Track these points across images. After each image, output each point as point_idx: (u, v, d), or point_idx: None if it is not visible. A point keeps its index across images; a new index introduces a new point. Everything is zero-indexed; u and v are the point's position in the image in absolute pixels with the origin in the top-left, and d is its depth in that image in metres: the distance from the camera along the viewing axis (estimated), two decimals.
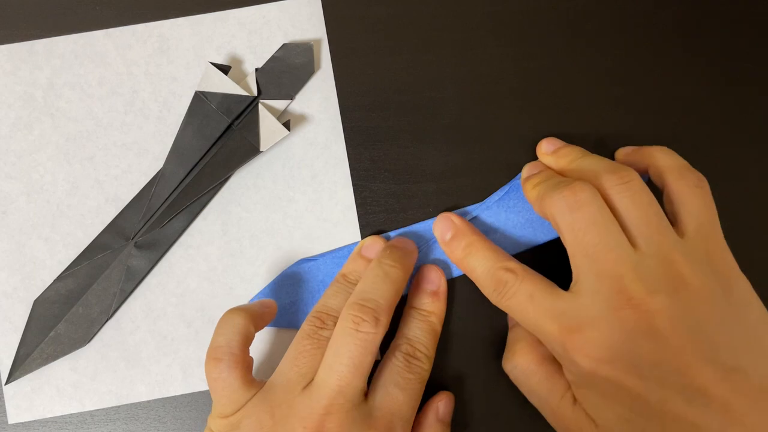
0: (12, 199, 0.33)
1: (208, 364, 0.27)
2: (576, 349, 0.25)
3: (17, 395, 0.32)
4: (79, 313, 0.32)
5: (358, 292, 0.29)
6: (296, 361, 0.28)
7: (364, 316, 0.27)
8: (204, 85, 0.32)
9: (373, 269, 0.29)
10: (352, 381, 0.27)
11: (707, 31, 0.34)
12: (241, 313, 0.28)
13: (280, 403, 0.27)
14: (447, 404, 0.30)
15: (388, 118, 0.33)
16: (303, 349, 0.28)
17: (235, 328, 0.28)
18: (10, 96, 0.33)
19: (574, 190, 0.26)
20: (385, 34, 0.34)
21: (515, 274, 0.27)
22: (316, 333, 0.28)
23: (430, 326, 0.30)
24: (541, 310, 0.26)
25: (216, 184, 0.32)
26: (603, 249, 0.25)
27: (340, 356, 0.27)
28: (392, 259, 0.29)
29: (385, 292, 0.28)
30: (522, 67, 0.34)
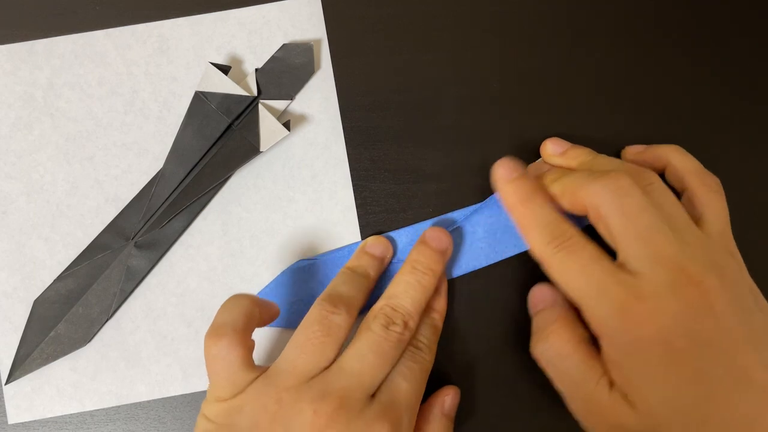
0: (12, 199, 0.33)
1: (208, 341, 0.26)
2: (640, 317, 0.25)
3: (17, 395, 0.32)
4: (79, 313, 0.32)
5: (390, 296, 0.29)
6: (304, 348, 0.27)
7: (395, 319, 0.28)
8: (204, 85, 0.32)
9: (406, 275, 0.29)
10: (374, 374, 0.26)
11: (709, 31, 0.34)
12: (246, 296, 0.28)
13: (288, 388, 0.26)
14: (453, 399, 0.30)
15: (388, 118, 0.33)
16: (312, 335, 0.27)
17: (239, 308, 0.27)
18: (10, 96, 0.33)
19: (615, 178, 0.27)
20: (385, 34, 0.34)
21: (576, 232, 0.27)
22: (326, 318, 0.27)
23: (432, 321, 0.30)
24: (608, 271, 0.26)
25: (216, 184, 0.32)
26: (656, 231, 0.26)
27: (368, 347, 0.27)
28: (425, 266, 0.29)
29: (415, 299, 0.29)
30: (522, 67, 0.34)
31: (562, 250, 0.27)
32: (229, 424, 0.26)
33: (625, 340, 0.25)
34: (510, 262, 0.32)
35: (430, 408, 0.29)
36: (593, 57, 0.34)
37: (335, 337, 0.27)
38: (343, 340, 0.27)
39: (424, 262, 0.30)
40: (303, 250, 0.33)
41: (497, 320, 0.32)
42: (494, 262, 0.32)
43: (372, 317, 0.28)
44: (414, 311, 0.28)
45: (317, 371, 0.27)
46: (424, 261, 0.30)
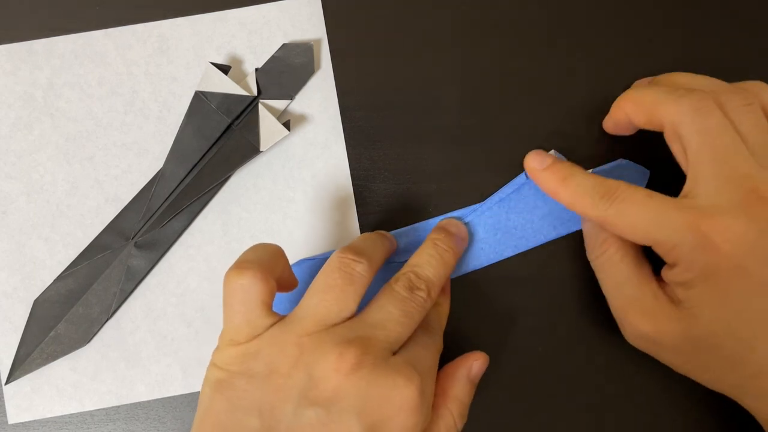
0: (12, 199, 0.33)
1: (229, 274, 0.25)
2: (716, 232, 0.24)
3: (17, 395, 0.32)
4: (79, 313, 0.32)
5: (413, 264, 0.28)
6: (326, 295, 0.26)
7: (419, 284, 0.27)
8: (204, 85, 0.32)
9: (428, 248, 0.29)
10: (398, 331, 0.26)
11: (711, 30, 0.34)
12: (272, 243, 0.27)
13: (310, 333, 0.25)
14: (481, 365, 0.29)
15: (388, 118, 0.33)
16: (334, 282, 0.26)
17: (266, 248, 0.26)
18: (10, 96, 0.33)
19: (700, 97, 0.26)
20: (385, 34, 0.34)
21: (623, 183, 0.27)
22: (348, 266, 0.26)
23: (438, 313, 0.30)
24: (666, 203, 0.25)
25: (216, 184, 0.32)
26: (734, 152, 0.25)
27: (393, 304, 0.26)
28: (447, 244, 0.29)
29: (437, 271, 0.28)
30: (522, 66, 0.34)
31: (615, 202, 0.26)
32: (244, 370, 0.25)
33: (700, 260, 0.25)
34: (510, 262, 0.32)
35: (457, 368, 0.28)
36: (594, 57, 0.34)
37: (357, 287, 0.26)
38: (363, 291, 0.26)
39: (445, 240, 0.29)
40: (303, 250, 0.33)
41: (497, 320, 0.32)
42: (494, 261, 0.32)
43: (394, 281, 0.27)
44: (436, 282, 0.28)
45: (339, 320, 0.25)
46: (445, 239, 0.30)
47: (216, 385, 0.25)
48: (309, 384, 0.24)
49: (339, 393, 0.24)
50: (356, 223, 0.33)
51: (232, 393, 0.24)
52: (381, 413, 0.24)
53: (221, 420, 0.24)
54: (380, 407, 0.24)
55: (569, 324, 0.32)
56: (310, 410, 0.24)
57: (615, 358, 0.32)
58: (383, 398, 0.24)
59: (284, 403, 0.24)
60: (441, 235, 0.30)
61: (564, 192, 0.28)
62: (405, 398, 0.24)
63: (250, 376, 0.24)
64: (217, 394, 0.24)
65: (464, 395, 0.28)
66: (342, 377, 0.24)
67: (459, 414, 0.27)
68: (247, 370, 0.24)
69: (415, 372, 0.25)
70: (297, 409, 0.24)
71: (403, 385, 0.24)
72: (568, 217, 0.32)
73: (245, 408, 0.24)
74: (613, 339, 0.32)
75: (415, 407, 0.24)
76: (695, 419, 0.32)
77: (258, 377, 0.24)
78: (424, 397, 0.25)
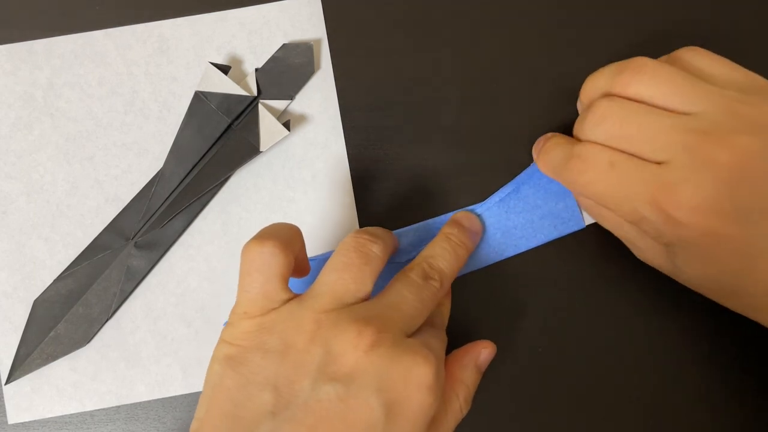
0: (12, 199, 0.33)
1: (249, 244, 0.25)
2: (673, 204, 0.24)
3: (17, 395, 0.32)
4: (79, 313, 0.32)
5: (427, 255, 0.28)
6: (344, 273, 0.25)
7: (432, 274, 0.27)
8: (204, 85, 0.32)
9: (442, 241, 0.29)
10: (414, 314, 0.26)
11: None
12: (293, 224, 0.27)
13: (327, 310, 0.24)
14: (489, 353, 0.29)
15: (388, 118, 0.33)
16: (350, 261, 0.26)
17: (285, 226, 0.26)
18: (10, 96, 0.33)
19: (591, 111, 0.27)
20: (385, 34, 0.34)
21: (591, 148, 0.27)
22: (364, 246, 0.26)
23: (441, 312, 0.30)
24: (627, 174, 0.25)
25: (216, 184, 0.32)
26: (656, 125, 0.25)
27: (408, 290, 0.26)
28: (459, 239, 0.29)
29: (450, 264, 0.28)
30: (522, 66, 0.34)
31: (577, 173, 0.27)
32: (258, 344, 0.24)
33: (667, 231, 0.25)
34: (510, 262, 0.32)
35: (465, 354, 0.28)
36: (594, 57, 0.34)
37: (372, 267, 0.26)
38: (378, 272, 0.26)
39: (458, 235, 0.30)
40: None
41: (497, 320, 0.32)
42: (494, 262, 0.32)
43: (409, 269, 0.27)
44: (449, 274, 0.28)
45: (355, 300, 0.25)
46: (458, 234, 0.30)
47: (227, 360, 0.24)
48: (327, 359, 0.23)
49: (358, 369, 0.23)
50: (356, 223, 0.33)
51: (245, 368, 0.24)
52: (399, 391, 0.23)
53: (233, 396, 0.24)
54: (399, 385, 0.24)
55: (569, 324, 0.32)
56: (329, 386, 0.23)
57: (615, 357, 0.32)
58: (402, 376, 0.24)
59: (302, 378, 0.23)
60: (455, 229, 0.30)
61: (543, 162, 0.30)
62: (423, 377, 0.24)
63: (265, 350, 0.24)
64: (229, 370, 0.24)
65: (471, 382, 0.28)
66: (361, 354, 0.23)
67: (465, 399, 0.27)
68: (262, 345, 0.24)
69: (432, 353, 0.25)
70: (315, 384, 0.23)
71: (421, 364, 0.24)
72: (568, 216, 0.32)
73: (259, 383, 0.23)
74: (614, 339, 0.32)
75: (432, 386, 0.24)
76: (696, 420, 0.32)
77: (273, 352, 0.24)
78: (439, 378, 0.25)
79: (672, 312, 0.32)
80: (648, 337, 0.32)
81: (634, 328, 0.32)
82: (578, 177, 0.27)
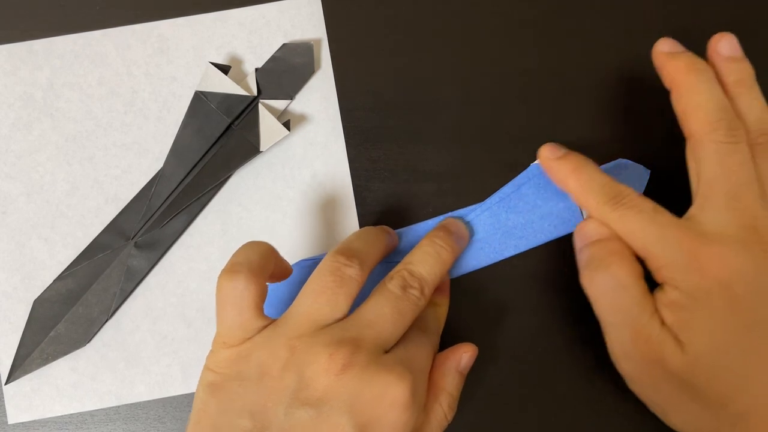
0: (12, 199, 0.33)
1: (221, 278, 0.26)
2: (709, 259, 0.25)
3: (17, 395, 0.32)
4: (79, 313, 0.32)
5: (408, 262, 0.28)
6: (318, 297, 0.26)
7: (412, 282, 0.27)
8: (204, 85, 0.32)
9: (425, 246, 0.29)
10: (390, 330, 0.26)
11: None
12: (263, 242, 0.27)
13: (301, 334, 0.25)
14: (470, 357, 0.29)
15: (388, 118, 0.33)
16: (326, 284, 0.26)
17: (256, 249, 0.26)
18: (9, 96, 0.33)
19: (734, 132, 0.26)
20: (385, 34, 0.34)
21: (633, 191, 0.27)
22: (339, 270, 0.26)
23: (436, 314, 0.30)
24: (672, 221, 0.26)
25: (216, 184, 0.32)
26: (747, 190, 0.26)
27: (385, 304, 0.26)
28: (444, 242, 0.29)
29: (432, 268, 0.28)
30: (522, 66, 0.34)
31: (621, 207, 0.27)
32: (236, 373, 0.25)
33: (689, 282, 0.25)
34: (510, 262, 0.32)
35: (446, 360, 0.28)
36: (594, 58, 0.34)
37: (348, 289, 0.26)
38: (356, 292, 0.27)
39: (443, 237, 0.30)
40: (303, 250, 0.33)
41: (497, 320, 0.32)
42: (494, 262, 0.32)
43: (389, 278, 0.27)
44: (430, 280, 0.28)
45: (330, 321, 0.26)
46: (444, 236, 0.30)
47: (209, 387, 0.25)
48: (300, 385, 0.24)
49: (329, 393, 0.24)
50: (356, 223, 0.33)
51: (224, 395, 0.25)
52: (372, 412, 0.24)
53: (215, 422, 0.25)
54: (371, 406, 0.24)
55: (569, 324, 0.32)
56: (301, 410, 0.24)
57: None
58: (374, 397, 0.24)
59: (276, 404, 0.24)
60: (440, 233, 0.30)
61: (574, 183, 0.28)
62: (396, 396, 0.24)
63: (242, 379, 0.25)
64: (211, 397, 0.25)
65: (453, 387, 0.28)
66: (333, 377, 0.24)
67: (449, 406, 0.27)
68: (239, 374, 0.25)
69: (407, 370, 0.25)
70: (288, 410, 0.24)
71: (394, 384, 0.24)
72: (568, 216, 0.32)
73: (237, 410, 0.24)
74: None
75: (406, 405, 0.24)
76: None
77: (250, 380, 0.25)
78: (416, 395, 0.25)
79: None
80: None
81: None
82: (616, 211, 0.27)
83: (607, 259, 0.27)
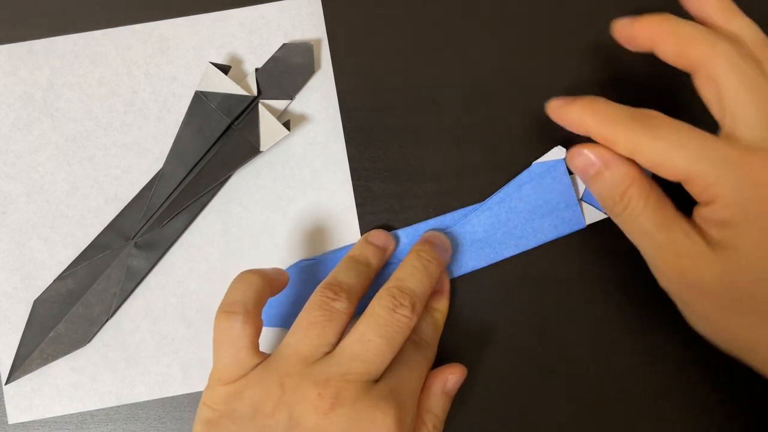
0: (12, 199, 0.33)
1: (219, 318, 0.26)
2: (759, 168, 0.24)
3: (17, 395, 0.32)
4: (79, 313, 0.32)
5: (396, 279, 0.29)
6: (307, 332, 0.27)
7: (402, 300, 0.27)
8: (204, 85, 0.32)
9: (412, 260, 0.29)
10: (378, 360, 0.26)
11: None
12: (256, 273, 0.28)
13: (291, 372, 0.26)
14: (458, 379, 0.29)
15: (388, 118, 0.33)
16: (315, 320, 0.27)
17: (251, 286, 0.27)
18: (9, 96, 0.33)
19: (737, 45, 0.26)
20: (385, 34, 0.34)
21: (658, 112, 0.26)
22: (327, 304, 0.27)
23: (434, 320, 0.30)
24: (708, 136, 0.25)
25: (216, 184, 0.32)
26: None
27: (373, 331, 0.26)
28: (431, 255, 0.30)
29: (422, 282, 0.28)
30: (522, 66, 0.34)
31: (653, 128, 0.25)
32: (230, 411, 0.26)
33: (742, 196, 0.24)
34: (510, 262, 0.32)
35: (432, 382, 0.29)
36: (594, 58, 0.34)
37: (337, 322, 0.27)
38: (344, 325, 0.27)
39: (429, 251, 0.30)
40: (303, 250, 0.33)
41: (497, 320, 0.32)
42: (494, 262, 0.32)
43: (377, 300, 0.28)
44: (420, 294, 0.28)
45: (319, 355, 0.26)
46: (429, 250, 0.30)
47: (206, 423, 0.26)
48: (290, 423, 0.25)
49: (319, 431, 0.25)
50: (356, 223, 0.33)
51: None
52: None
53: None
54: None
55: (569, 324, 0.32)
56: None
57: (616, 358, 0.32)
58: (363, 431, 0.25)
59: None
60: (425, 246, 0.30)
61: (592, 119, 0.27)
62: (384, 429, 0.25)
63: (236, 416, 0.26)
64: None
65: (439, 410, 0.28)
66: (321, 416, 0.25)
67: (434, 427, 0.28)
68: (233, 411, 0.26)
69: (394, 403, 0.26)
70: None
71: (381, 420, 0.25)
72: (569, 216, 0.32)
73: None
74: (614, 339, 0.32)
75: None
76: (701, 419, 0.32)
77: (243, 417, 0.26)
78: (404, 425, 0.26)
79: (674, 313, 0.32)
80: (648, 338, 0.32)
81: (633, 329, 0.32)
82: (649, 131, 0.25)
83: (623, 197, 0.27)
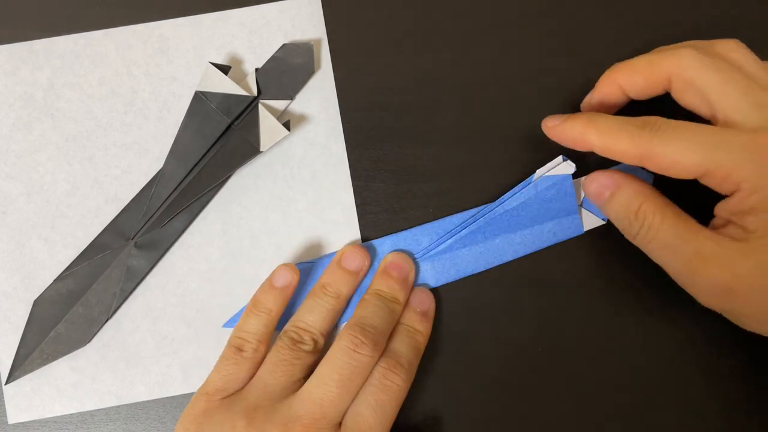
0: (12, 199, 0.33)
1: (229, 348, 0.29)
2: None
3: (17, 395, 0.32)
4: (79, 313, 0.32)
5: (359, 317, 0.29)
6: (275, 369, 0.29)
7: (364, 339, 0.28)
8: (204, 85, 0.32)
9: (374, 300, 0.30)
10: (337, 400, 0.27)
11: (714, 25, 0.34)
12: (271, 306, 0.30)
13: (258, 407, 0.28)
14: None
15: (388, 118, 0.33)
16: (283, 358, 0.29)
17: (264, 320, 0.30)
18: (10, 96, 0.33)
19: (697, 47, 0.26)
20: (385, 34, 0.34)
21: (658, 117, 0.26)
22: (295, 345, 0.29)
23: (416, 343, 0.30)
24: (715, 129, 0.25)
25: (216, 184, 0.32)
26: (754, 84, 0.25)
27: (332, 373, 0.28)
28: (393, 293, 0.30)
29: (384, 319, 0.29)
30: (522, 66, 0.34)
31: (660, 132, 0.25)
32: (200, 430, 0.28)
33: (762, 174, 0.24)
34: (510, 262, 0.32)
35: None
36: (593, 58, 0.34)
37: (303, 361, 0.29)
38: (312, 362, 0.29)
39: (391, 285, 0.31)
40: (303, 250, 0.33)
41: (497, 320, 0.32)
42: (491, 267, 0.32)
43: (338, 340, 0.29)
44: (384, 329, 0.29)
45: (287, 393, 0.28)
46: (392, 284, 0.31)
47: None
48: None
49: None
50: (356, 223, 0.33)
51: None
52: None
53: None
54: None
55: (569, 324, 0.32)
56: None
57: (616, 358, 0.32)
58: None
59: None
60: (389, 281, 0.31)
61: (593, 133, 0.27)
62: None
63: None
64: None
65: None
66: None
67: None
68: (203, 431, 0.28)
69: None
70: None
71: None
72: (568, 223, 0.32)
73: None
74: (614, 339, 0.32)
75: None
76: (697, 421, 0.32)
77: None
78: None
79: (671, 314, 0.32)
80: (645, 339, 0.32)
81: (633, 329, 0.32)
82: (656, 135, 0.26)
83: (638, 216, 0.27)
